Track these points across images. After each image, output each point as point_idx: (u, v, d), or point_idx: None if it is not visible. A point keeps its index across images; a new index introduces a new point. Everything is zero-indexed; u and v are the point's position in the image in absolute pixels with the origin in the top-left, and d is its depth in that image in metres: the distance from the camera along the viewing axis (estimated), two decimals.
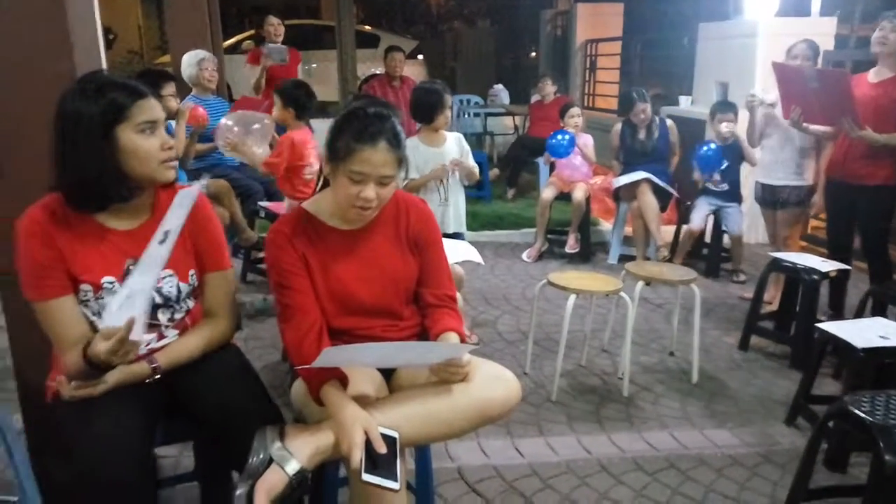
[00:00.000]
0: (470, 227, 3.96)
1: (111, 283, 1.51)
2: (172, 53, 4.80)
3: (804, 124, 3.39)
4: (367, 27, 11.93)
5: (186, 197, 1.47)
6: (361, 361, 1.55)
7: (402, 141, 1.59)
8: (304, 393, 1.58)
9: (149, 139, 1.48)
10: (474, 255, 2.95)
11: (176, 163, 1.56)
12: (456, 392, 1.50)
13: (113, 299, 1.38)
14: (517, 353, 3.26)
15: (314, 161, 3.46)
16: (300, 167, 3.46)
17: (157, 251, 1.39)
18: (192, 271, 1.63)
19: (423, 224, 1.73)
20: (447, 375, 1.51)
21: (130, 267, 1.53)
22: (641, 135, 4.62)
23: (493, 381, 1.55)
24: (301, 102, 3.45)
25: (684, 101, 6.04)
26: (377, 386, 1.61)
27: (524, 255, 4.86)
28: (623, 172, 4.65)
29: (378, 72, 8.76)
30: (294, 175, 3.49)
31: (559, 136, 4.74)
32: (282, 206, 3.65)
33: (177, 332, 1.63)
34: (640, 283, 2.98)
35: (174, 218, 1.42)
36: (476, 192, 5.88)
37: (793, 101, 3.35)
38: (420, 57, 10.95)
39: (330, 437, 1.41)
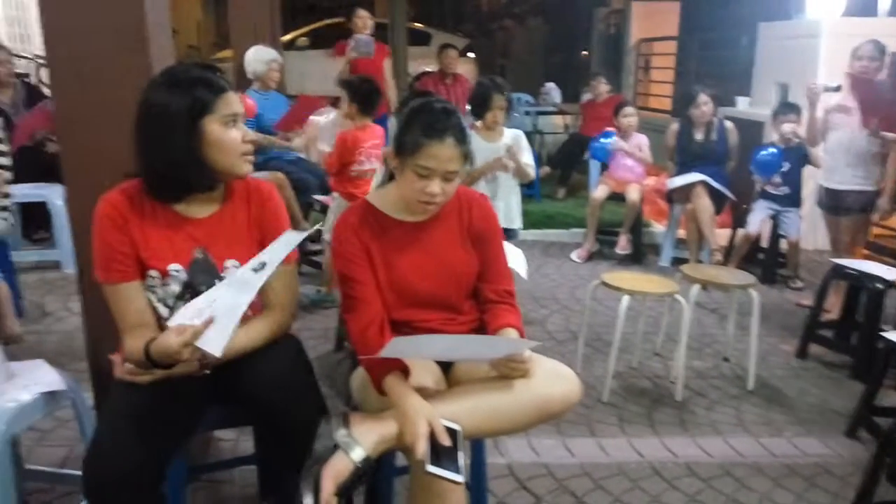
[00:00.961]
0: (521, 225, 3.94)
1: (178, 270, 1.56)
2: (234, 48, 4.90)
3: (882, 133, 3.30)
4: (419, 24, 11.99)
5: (294, 238, 1.50)
6: (427, 353, 1.57)
7: (468, 137, 1.60)
8: (364, 382, 1.61)
9: (231, 131, 1.52)
10: (520, 267, 2.84)
11: (252, 157, 1.60)
12: (517, 387, 1.51)
13: (190, 306, 1.41)
14: (567, 352, 3.25)
15: (364, 159, 3.47)
16: (348, 164, 3.48)
17: (251, 278, 1.41)
18: None
19: (485, 220, 1.74)
20: (508, 371, 1.51)
21: (198, 255, 1.57)
22: (699, 135, 4.54)
23: (553, 378, 1.55)
24: (366, 98, 3.46)
25: (742, 102, 5.90)
26: (436, 379, 1.62)
27: (573, 255, 4.82)
28: (678, 174, 4.58)
29: (429, 69, 8.81)
30: (341, 172, 3.53)
31: (602, 139, 4.71)
32: (333, 197, 3.69)
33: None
34: (696, 287, 2.93)
35: (276, 253, 1.45)
36: (526, 190, 5.85)
37: (871, 110, 3.27)
38: (471, 55, 10.94)
39: (393, 426, 1.43)
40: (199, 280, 1.55)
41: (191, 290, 1.55)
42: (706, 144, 4.51)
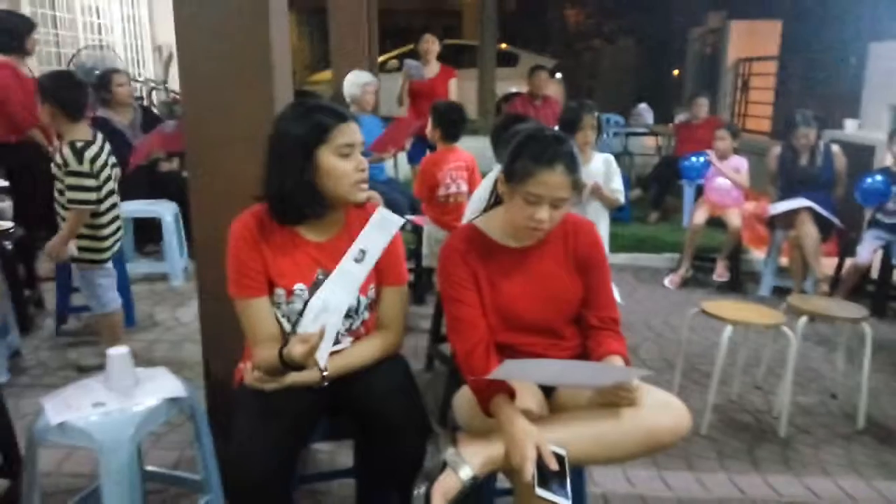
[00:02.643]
0: (609, 249, 3.88)
1: (302, 289, 1.64)
2: (334, 71, 5.11)
3: None
4: (506, 46, 12.09)
5: (391, 223, 1.55)
6: (537, 377, 1.58)
7: (579, 164, 1.61)
8: (468, 402, 1.63)
9: (345, 161, 1.59)
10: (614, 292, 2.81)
11: (367, 185, 1.65)
12: (625, 416, 1.49)
13: (308, 309, 1.49)
14: (662, 382, 3.15)
15: (450, 182, 3.52)
16: (433, 188, 3.54)
17: (354, 268, 1.48)
18: (372, 285, 1.72)
19: (591, 246, 1.74)
20: (616, 399, 1.50)
21: (320, 276, 1.65)
22: (803, 160, 4.35)
23: (662, 408, 1.53)
24: (448, 124, 3.54)
25: (850, 125, 5.61)
26: (539, 403, 1.63)
27: (666, 281, 4.70)
28: (780, 199, 4.40)
29: (515, 90, 8.87)
30: (428, 199, 3.59)
31: (693, 158, 4.59)
32: (424, 220, 3.76)
33: (351, 339, 1.72)
34: (804, 319, 2.80)
35: (373, 240, 1.51)
36: (616, 213, 5.77)
37: None
38: (558, 75, 10.93)
39: (500, 448, 1.45)
40: None
41: None
42: (810, 169, 4.32)
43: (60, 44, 5.94)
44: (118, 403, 1.77)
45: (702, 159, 4.68)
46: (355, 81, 4.40)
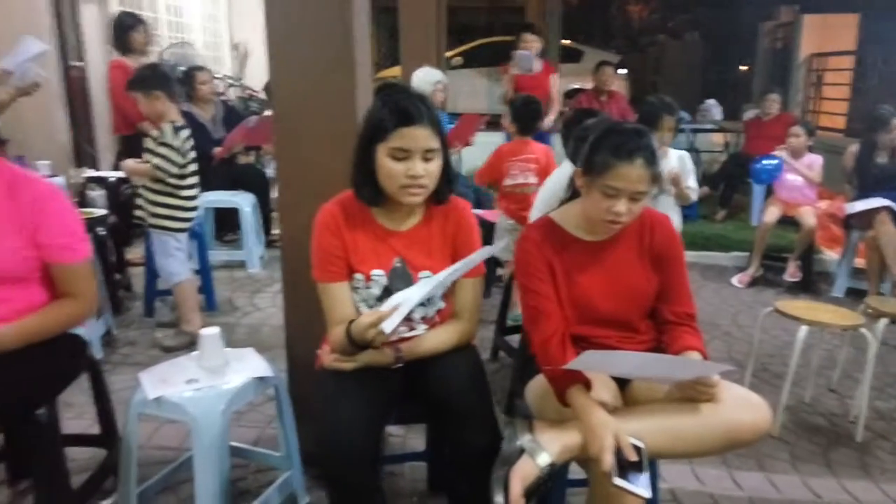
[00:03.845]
0: None
1: (380, 275, 1.71)
2: (403, 68, 5.19)
3: None
4: (569, 42, 11.98)
5: (484, 253, 1.59)
6: (617, 369, 1.61)
7: (658, 158, 1.62)
8: (543, 391, 1.67)
9: (396, 164, 1.59)
10: None
11: (421, 190, 1.62)
12: (704, 411, 1.50)
13: (388, 302, 1.54)
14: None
15: (517, 172, 3.55)
16: (499, 177, 3.58)
17: (439, 284, 1.54)
18: None
19: (667, 240, 1.75)
20: (695, 394, 1.51)
21: (397, 264, 1.72)
22: (881, 158, 4.20)
23: (742, 405, 1.53)
24: (526, 118, 3.57)
25: None
26: (613, 395, 1.65)
27: (734, 280, 4.61)
28: (857, 198, 4.25)
29: (578, 86, 8.79)
30: (493, 186, 3.64)
31: (764, 161, 4.48)
32: (493, 214, 3.80)
33: (426, 327, 1.77)
34: (884, 321, 2.72)
35: (465, 265, 1.55)
36: (683, 210, 5.68)
37: None
38: (623, 71, 10.77)
39: (577, 437, 1.48)
40: (397, 286, 1.68)
41: (388, 294, 1.70)
42: (890, 168, 4.16)
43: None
44: (210, 381, 1.88)
45: (773, 162, 4.56)
46: (425, 79, 4.47)
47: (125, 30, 4.36)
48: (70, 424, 2.37)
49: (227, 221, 4.71)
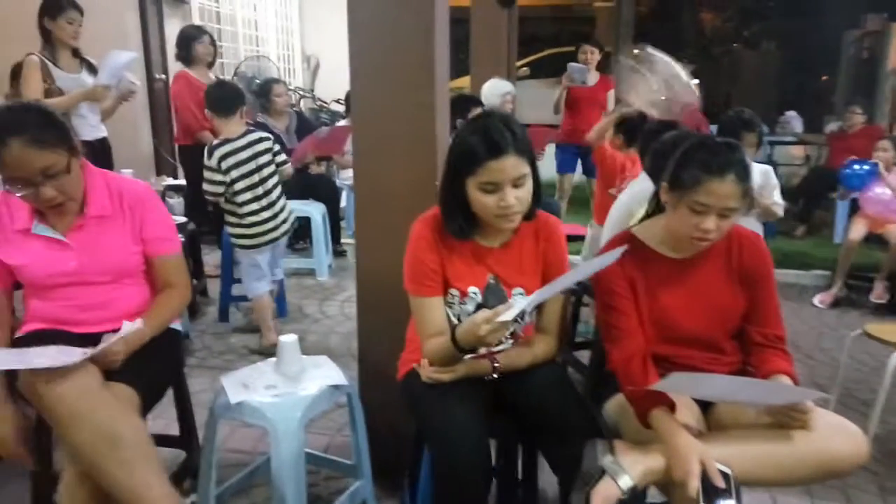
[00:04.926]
0: None
1: (475, 292, 1.70)
2: (473, 78, 5.21)
3: None
4: (639, 51, 11.78)
5: (590, 267, 1.57)
6: (704, 392, 1.55)
7: (750, 173, 1.56)
8: (623, 411, 1.63)
9: (487, 196, 1.55)
10: None
11: (515, 216, 1.59)
12: (797, 438, 1.43)
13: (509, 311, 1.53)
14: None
15: (620, 185, 3.49)
16: (609, 182, 3.52)
17: (547, 290, 1.52)
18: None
19: (757, 259, 1.69)
20: (786, 420, 1.44)
21: (491, 280, 1.70)
22: None
23: (838, 433, 1.45)
24: (630, 132, 3.51)
25: None
26: (697, 418, 1.59)
27: (816, 300, 4.40)
28: None
29: None
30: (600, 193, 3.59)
31: (856, 166, 4.24)
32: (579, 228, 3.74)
33: (511, 342, 1.76)
34: None
35: (559, 284, 1.53)
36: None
37: None
38: (696, 81, 10.52)
39: (660, 460, 1.43)
40: (491, 303, 1.66)
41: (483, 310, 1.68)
42: None
43: (224, 55, 6.47)
44: (287, 387, 1.91)
45: (865, 167, 4.33)
46: (495, 91, 4.47)
47: (189, 42, 4.48)
48: (149, 425, 2.45)
49: (297, 230, 4.81)
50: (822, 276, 4.70)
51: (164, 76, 5.70)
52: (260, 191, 3.21)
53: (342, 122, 5.37)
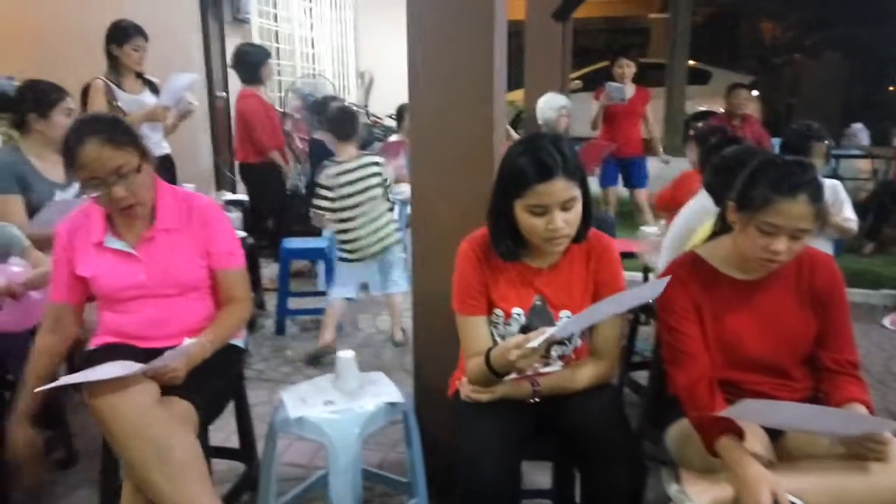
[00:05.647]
0: None
1: (519, 313, 1.68)
2: (527, 92, 5.20)
3: None
4: (697, 63, 11.56)
5: (642, 294, 1.55)
6: (777, 420, 1.50)
7: (823, 193, 1.51)
8: (686, 437, 1.58)
9: (535, 219, 1.55)
10: None
11: (563, 240, 1.58)
12: (874, 471, 1.37)
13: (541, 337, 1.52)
14: None
15: None
16: (676, 206, 3.46)
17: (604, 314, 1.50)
18: None
19: (830, 281, 1.63)
20: (862, 451, 1.38)
21: (537, 302, 1.69)
22: None
23: None
24: (710, 148, 3.45)
25: None
26: (765, 446, 1.53)
27: (886, 321, 4.20)
28: None
29: (704, 108, 8.46)
30: (669, 209, 3.52)
31: None
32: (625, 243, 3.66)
33: (561, 364, 1.73)
34: None
35: (614, 305, 1.51)
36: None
37: None
38: (755, 93, 10.25)
39: (729, 490, 1.39)
40: (536, 325, 1.64)
41: (526, 332, 1.66)
42: None
43: (281, 73, 6.64)
44: (345, 403, 1.93)
45: None
46: (551, 105, 4.46)
47: (257, 62, 4.59)
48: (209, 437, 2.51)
49: None
50: (891, 296, 4.50)
51: (224, 94, 5.88)
52: (359, 211, 3.40)
53: (394, 137, 5.44)
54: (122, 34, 3.53)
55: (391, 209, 3.60)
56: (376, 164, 3.44)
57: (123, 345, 1.90)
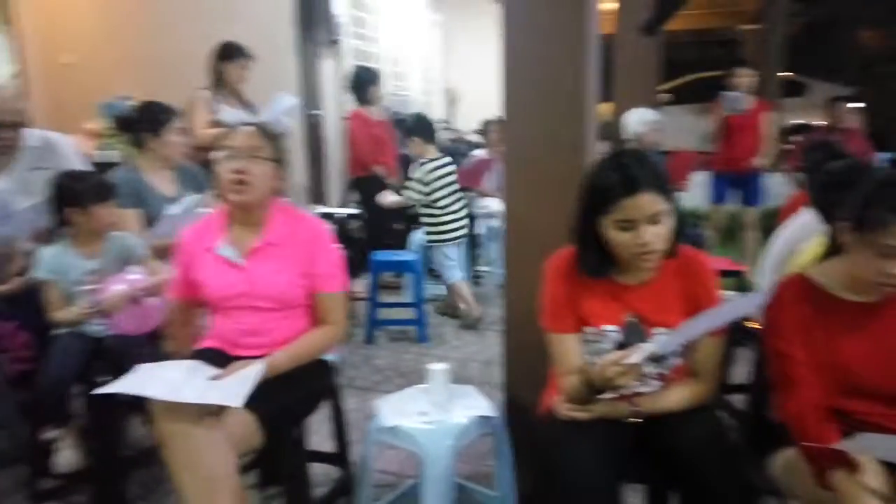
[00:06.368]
0: None
1: (611, 330, 1.67)
2: (616, 105, 5.14)
3: None
4: (791, 74, 11.07)
5: (739, 307, 1.53)
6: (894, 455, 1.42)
7: None
8: (794, 467, 1.53)
9: (623, 234, 1.54)
10: None
11: (653, 255, 1.57)
12: None
13: (638, 353, 1.51)
14: None
15: None
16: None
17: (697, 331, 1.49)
18: None
19: None
20: None
21: (630, 319, 1.67)
22: None
23: None
24: (815, 163, 3.34)
25: None
26: (884, 482, 1.45)
27: None
28: None
29: (800, 121, 8.07)
30: None
31: None
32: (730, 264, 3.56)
33: (659, 383, 1.69)
34: None
35: (708, 322, 1.50)
36: None
37: None
38: (857, 105, 9.72)
39: None
40: (630, 343, 1.63)
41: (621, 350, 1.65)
42: None
43: None
44: (438, 415, 1.97)
45: None
46: (640, 119, 4.40)
47: (366, 84, 4.81)
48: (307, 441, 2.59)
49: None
50: None
51: (318, 112, 6.10)
52: (452, 198, 4.12)
53: (478, 152, 5.49)
54: (230, 51, 3.77)
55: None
56: (452, 163, 4.19)
57: (217, 350, 1.95)
